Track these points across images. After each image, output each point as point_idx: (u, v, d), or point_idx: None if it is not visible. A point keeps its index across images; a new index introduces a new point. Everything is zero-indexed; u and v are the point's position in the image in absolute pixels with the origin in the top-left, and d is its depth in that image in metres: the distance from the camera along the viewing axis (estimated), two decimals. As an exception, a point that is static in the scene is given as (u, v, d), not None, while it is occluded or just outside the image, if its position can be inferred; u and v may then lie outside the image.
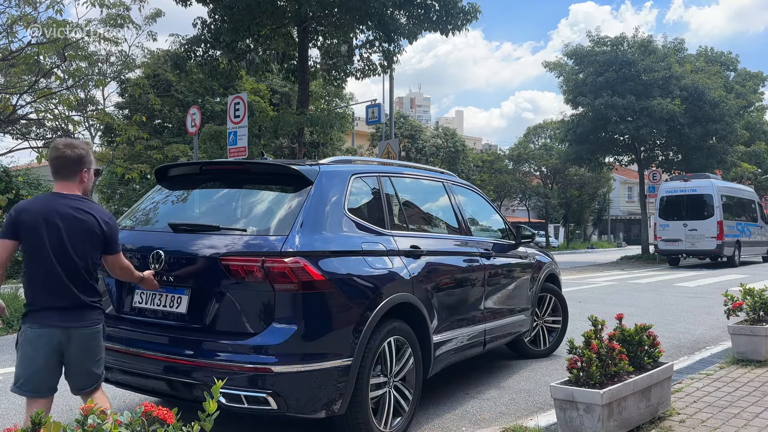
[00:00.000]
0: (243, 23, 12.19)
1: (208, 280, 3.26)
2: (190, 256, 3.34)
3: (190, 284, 3.32)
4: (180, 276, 3.33)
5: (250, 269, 3.14)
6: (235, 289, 3.20)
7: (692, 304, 10.28)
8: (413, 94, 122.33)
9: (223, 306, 3.22)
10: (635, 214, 48.25)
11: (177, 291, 3.35)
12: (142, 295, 3.49)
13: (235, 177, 3.93)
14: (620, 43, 24.57)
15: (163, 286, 3.36)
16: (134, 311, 3.51)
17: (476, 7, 12.40)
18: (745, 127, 30.71)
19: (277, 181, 3.72)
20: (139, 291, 3.49)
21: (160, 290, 3.38)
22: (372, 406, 3.45)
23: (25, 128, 14.27)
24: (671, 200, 20.53)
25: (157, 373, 3.30)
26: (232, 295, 3.20)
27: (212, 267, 3.24)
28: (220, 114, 22.79)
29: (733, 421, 3.77)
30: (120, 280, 3.46)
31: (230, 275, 3.18)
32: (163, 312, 3.38)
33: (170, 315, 3.36)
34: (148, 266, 3.37)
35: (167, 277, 3.35)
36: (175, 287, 3.35)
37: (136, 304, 3.51)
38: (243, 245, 3.26)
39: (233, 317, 3.21)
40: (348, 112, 27.72)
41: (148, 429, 1.84)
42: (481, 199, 5.53)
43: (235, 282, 3.18)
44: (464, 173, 34.23)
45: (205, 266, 3.27)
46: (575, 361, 3.39)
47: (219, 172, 4.05)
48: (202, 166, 4.00)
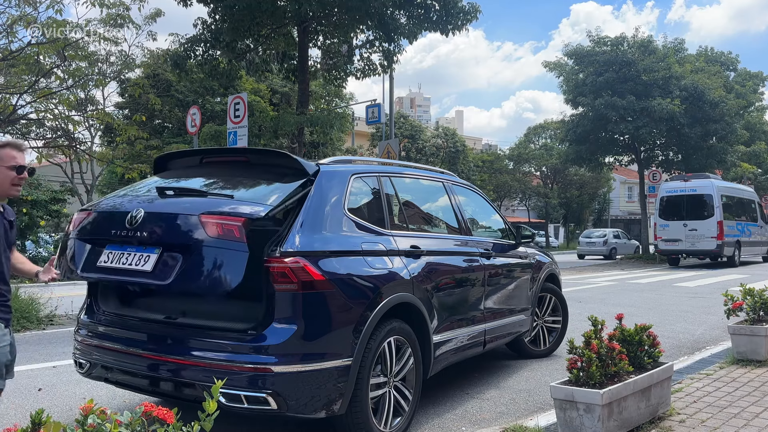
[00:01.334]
0: (243, 23, 12.19)
1: (182, 239, 3.17)
2: (169, 215, 3.29)
3: (162, 243, 3.22)
4: (153, 235, 3.24)
5: (229, 228, 3.07)
6: (207, 249, 3.10)
7: (692, 304, 10.28)
8: (413, 94, 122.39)
9: (189, 265, 3.11)
10: (635, 214, 48.24)
11: (147, 250, 3.25)
12: (108, 255, 3.38)
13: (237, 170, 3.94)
14: (620, 43, 24.59)
15: (133, 247, 3.28)
16: (99, 270, 3.40)
17: (476, 6, 12.41)
18: (745, 127, 30.76)
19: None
20: (107, 251, 3.39)
21: (131, 249, 3.28)
22: (372, 406, 3.44)
23: (25, 128, 14.27)
24: (671, 200, 20.54)
25: (153, 373, 3.29)
26: (203, 255, 3.10)
27: (188, 225, 3.17)
28: (220, 114, 22.82)
29: (733, 421, 3.77)
30: (85, 242, 3.44)
31: (206, 233, 3.10)
32: (127, 270, 3.27)
33: (134, 273, 3.24)
34: (126, 226, 3.28)
35: (140, 237, 3.25)
36: (146, 247, 3.26)
37: (101, 264, 3.39)
38: (224, 206, 3.22)
39: (197, 277, 3.10)
40: (348, 112, 27.72)
41: (148, 429, 1.84)
42: (481, 199, 5.53)
43: (210, 240, 3.09)
44: (464, 173, 34.26)
45: (181, 224, 3.20)
46: (575, 361, 3.39)
47: (220, 164, 4.06)
48: (203, 157, 4.02)
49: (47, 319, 8.06)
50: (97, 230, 3.56)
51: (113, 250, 3.38)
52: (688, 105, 23.16)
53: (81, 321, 3.81)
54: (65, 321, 8.14)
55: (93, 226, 3.59)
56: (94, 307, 3.81)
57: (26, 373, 5.31)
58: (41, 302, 8.20)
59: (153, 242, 3.26)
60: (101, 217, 3.61)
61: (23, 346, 6.57)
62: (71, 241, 3.62)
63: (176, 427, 1.83)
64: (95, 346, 3.61)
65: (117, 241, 3.39)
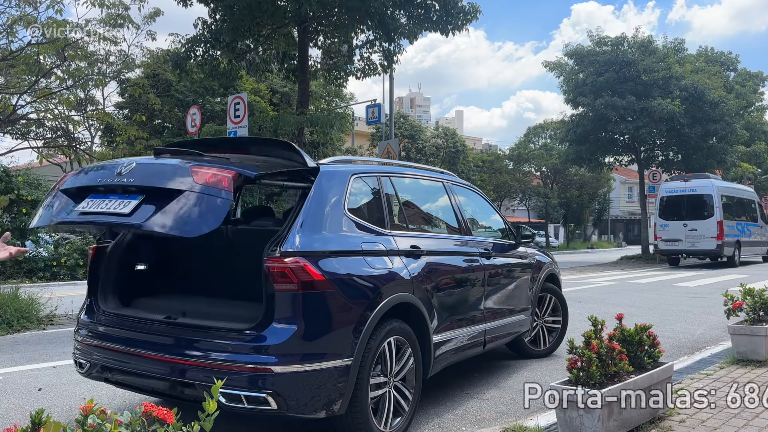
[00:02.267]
0: (243, 23, 12.20)
1: (167, 184, 3.11)
2: (160, 166, 3.29)
3: (147, 190, 3.16)
4: (140, 184, 3.18)
5: (219, 178, 3.06)
6: (191, 194, 3.04)
7: (692, 304, 10.28)
8: (413, 94, 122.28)
9: (170, 209, 3.03)
10: (635, 214, 48.26)
11: (130, 197, 3.18)
12: (89, 202, 3.32)
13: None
14: (620, 43, 24.58)
15: (117, 195, 3.22)
16: (77, 214, 3.33)
17: (476, 7, 12.41)
18: (745, 127, 30.75)
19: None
20: (89, 200, 3.33)
21: (114, 197, 3.22)
22: (372, 406, 3.44)
23: (25, 128, 14.27)
24: (671, 200, 20.54)
25: (158, 374, 3.29)
26: (186, 199, 3.04)
27: (177, 174, 3.14)
28: (220, 114, 22.80)
29: (733, 421, 3.77)
30: (68, 194, 3.40)
31: (194, 181, 3.06)
32: (105, 213, 3.19)
33: (111, 215, 3.16)
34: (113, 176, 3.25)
35: (126, 185, 3.20)
36: (129, 195, 3.20)
37: (79, 209, 3.32)
38: (218, 164, 3.22)
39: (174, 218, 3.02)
40: (348, 112, 27.72)
41: (148, 429, 1.84)
42: (481, 199, 5.53)
43: (196, 187, 3.04)
44: (464, 173, 34.26)
45: (170, 173, 3.18)
46: (575, 361, 3.39)
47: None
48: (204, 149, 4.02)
49: (47, 319, 8.06)
50: (82, 183, 3.47)
51: (95, 199, 3.30)
52: (688, 105, 23.14)
53: (81, 321, 3.82)
54: (65, 321, 8.14)
55: (80, 180, 3.50)
56: (94, 307, 3.81)
57: (26, 373, 5.31)
58: (41, 302, 8.20)
59: (137, 191, 3.18)
60: (89, 172, 3.56)
61: (23, 346, 6.57)
62: (54, 194, 3.52)
63: (176, 427, 1.83)
64: (95, 346, 3.61)
65: (101, 191, 3.32)
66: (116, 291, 3.88)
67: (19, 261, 13.31)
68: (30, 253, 14.14)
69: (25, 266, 13.62)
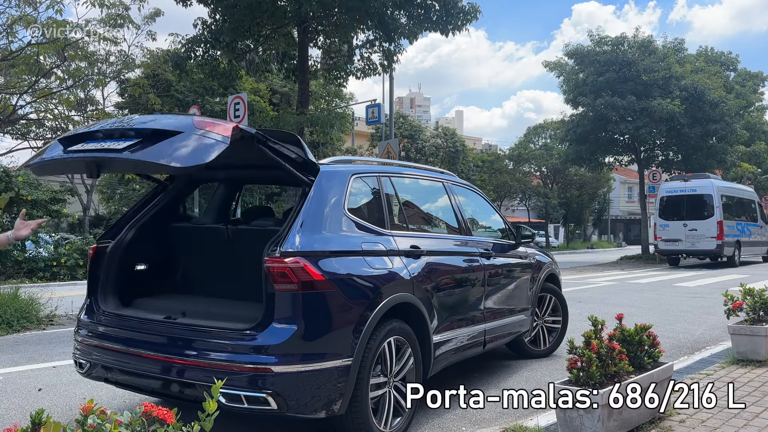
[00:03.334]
0: (243, 23, 12.21)
1: (165, 127, 3.12)
2: (162, 122, 3.25)
3: (144, 134, 3.13)
4: (138, 130, 3.17)
5: (219, 129, 3.04)
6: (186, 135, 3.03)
7: (692, 304, 10.28)
8: (413, 94, 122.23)
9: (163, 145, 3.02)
10: (635, 214, 48.25)
11: (126, 140, 3.14)
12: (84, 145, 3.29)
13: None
14: (620, 43, 24.58)
15: (114, 139, 3.20)
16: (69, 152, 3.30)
17: (476, 7, 12.41)
18: (745, 127, 30.74)
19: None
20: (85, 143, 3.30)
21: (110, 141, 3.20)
22: (372, 406, 3.45)
23: (25, 128, 14.27)
24: (671, 200, 20.53)
25: (158, 374, 3.29)
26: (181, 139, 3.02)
27: (178, 126, 3.13)
28: (220, 114, 22.77)
29: (733, 421, 3.78)
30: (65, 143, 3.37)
31: (194, 126, 3.06)
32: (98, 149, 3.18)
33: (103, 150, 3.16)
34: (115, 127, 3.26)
35: (124, 131, 3.20)
36: (126, 138, 3.17)
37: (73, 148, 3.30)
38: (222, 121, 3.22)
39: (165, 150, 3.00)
40: (348, 112, 27.73)
41: (148, 429, 1.84)
42: (481, 199, 5.53)
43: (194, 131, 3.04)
44: (464, 173, 34.26)
45: (171, 125, 3.16)
46: (575, 361, 3.39)
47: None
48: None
49: (47, 319, 8.06)
50: (81, 131, 3.45)
51: (92, 142, 3.27)
52: (688, 105, 23.14)
53: (81, 321, 3.82)
54: (65, 321, 8.14)
55: (79, 130, 3.48)
56: (94, 307, 3.81)
57: (26, 373, 5.31)
58: (41, 302, 8.20)
59: (135, 135, 3.16)
60: (91, 125, 3.54)
61: (23, 346, 6.57)
62: (52, 144, 3.50)
63: (176, 427, 1.83)
64: (95, 346, 3.61)
65: (99, 137, 3.30)
66: (116, 291, 3.88)
67: (19, 261, 13.32)
68: (30, 254, 14.14)
69: (25, 266, 13.61)
